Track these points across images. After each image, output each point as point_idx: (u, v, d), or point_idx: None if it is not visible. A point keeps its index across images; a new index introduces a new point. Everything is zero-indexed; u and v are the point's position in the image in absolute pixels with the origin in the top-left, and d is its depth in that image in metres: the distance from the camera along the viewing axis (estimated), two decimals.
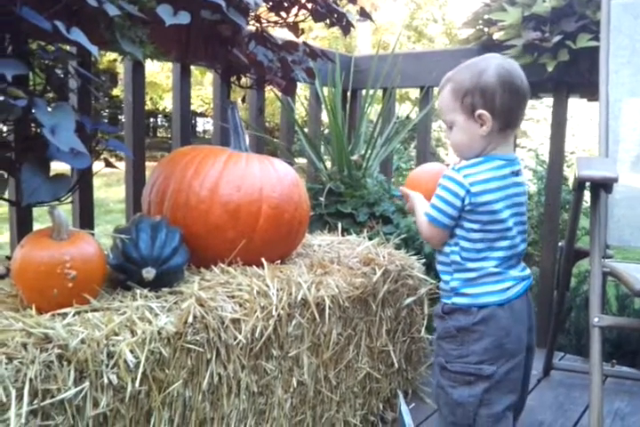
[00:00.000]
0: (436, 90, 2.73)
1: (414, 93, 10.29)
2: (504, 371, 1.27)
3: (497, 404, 1.28)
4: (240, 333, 1.19)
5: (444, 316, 1.31)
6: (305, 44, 1.91)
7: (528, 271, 1.35)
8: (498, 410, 1.28)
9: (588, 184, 1.68)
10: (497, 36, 2.35)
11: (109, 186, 8.37)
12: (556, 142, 2.38)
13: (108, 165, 1.38)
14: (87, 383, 0.94)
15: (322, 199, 2.16)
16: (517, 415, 1.44)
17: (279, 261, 1.51)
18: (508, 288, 1.29)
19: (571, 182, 1.87)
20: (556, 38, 2.11)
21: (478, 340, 1.26)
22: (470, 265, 1.28)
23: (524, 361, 1.32)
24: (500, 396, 1.28)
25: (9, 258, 1.31)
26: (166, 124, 17.65)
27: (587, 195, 1.81)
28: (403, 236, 2.02)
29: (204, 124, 18.28)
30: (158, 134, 17.70)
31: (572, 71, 2.19)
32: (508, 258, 1.29)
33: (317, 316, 1.37)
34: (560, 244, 2.00)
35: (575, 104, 2.56)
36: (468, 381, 1.27)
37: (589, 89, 2.20)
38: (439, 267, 1.34)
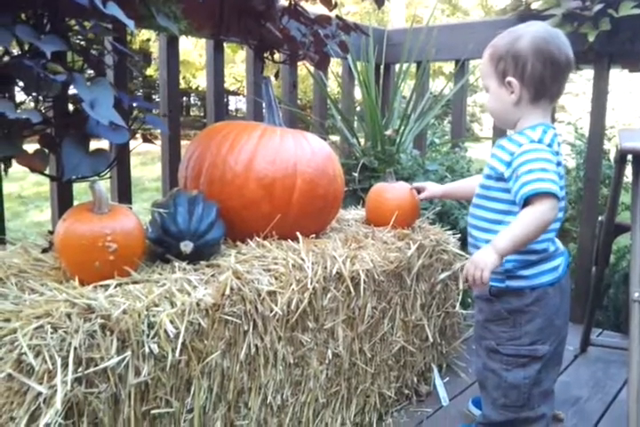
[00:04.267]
0: (471, 63, 2.67)
1: (448, 68, 10.10)
2: (554, 347, 1.28)
3: (546, 380, 1.29)
4: (276, 305, 1.20)
5: (492, 298, 1.29)
6: (338, 17, 1.88)
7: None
8: (547, 386, 1.30)
9: (629, 157, 1.64)
10: (535, 5, 2.29)
11: (145, 164, 8.48)
12: (597, 115, 2.32)
13: (146, 140, 1.39)
14: (129, 352, 0.97)
15: (355, 175, 2.15)
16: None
17: (314, 236, 1.51)
18: (559, 265, 1.28)
19: (611, 157, 1.83)
20: (598, 7, 2.04)
21: (531, 320, 1.26)
22: (536, 246, 1.23)
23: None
24: (548, 372, 1.30)
25: (51, 232, 1.34)
26: (199, 103, 17.71)
27: (628, 169, 1.76)
28: (437, 210, 2.01)
29: (237, 103, 18.29)
30: (191, 113, 17.80)
31: (613, 41, 2.12)
32: (558, 231, 1.27)
33: (352, 289, 1.37)
34: (600, 218, 1.96)
35: (615, 77, 2.48)
36: (522, 363, 1.27)
37: (631, 59, 2.13)
38: None
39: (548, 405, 1.32)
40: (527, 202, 1.15)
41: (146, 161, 8.56)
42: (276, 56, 1.92)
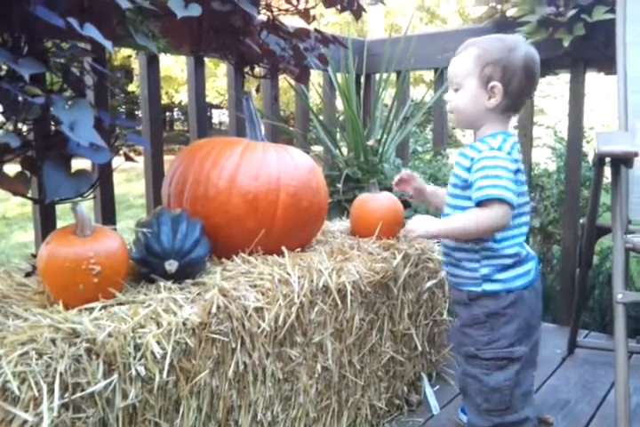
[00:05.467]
0: None
1: (428, 76, 10.17)
2: (529, 348, 1.30)
3: (525, 382, 1.31)
4: (263, 321, 1.20)
5: (470, 303, 1.31)
6: (317, 30, 1.90)
7: None
8: (527, 388, 1.32)
9: (608, 159, 1.66)
10: (510, 12, 2.32)
11: (129, 181, 8.44)
12: (575, 118, 2.35)
13: (128, 159, 1.39)
14: (116, 376, 0.97)
15: (339, 186, 2.16)
16: None
17: (299, 249, 1.52)
18: (531, 269, 1.31)
19: (590, 159, 1.85)
20: (571, 12, 2.07)
21: (508, 322, 1.28)
22: (508, 251, 1.27)
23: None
24: (526, 373, 1.32)
25: (34, 256, 1.34)
26: (182, 118, 17.69)
27: (607, 171, 1.79)
28: None
29: (220, 116, 18.29)
30: (175, 128, 17.77)
31: (588, 45, 2.15)
32: (527, 235, 1.31)
33: (339, 302, 1.38)
34: (581, 221, 1.98)
35: (592, 79, 2.52)
36: (501, 365, 1.29)
37: (607, 63, 2.16)
38: (459, 254, 1.32)
39: (531, 407, 1.34)
40: (480, 206, 1.21)
41: (130, 177, 8.52)
42: (257, 70, 1.93)
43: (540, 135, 3.11)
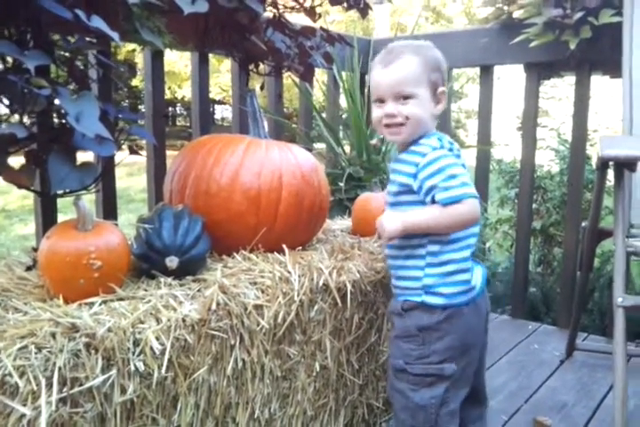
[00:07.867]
0: (455, 71, 2.70)
1: None
2: (462, 367, 1.25)
3: (453, 401, 1.26)
4: (263, 318, 1.20)
5: (403, 314, 1.27)
6: (322, 28, 1.89)
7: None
8: (454, 407, 1.26)
9: (611, 163, 1.66)
10: (517, 14, 2.32)
11: (131, 175, 8.45)
12: (579, 120, 2.35)
13: (133, 152, 1.39)
14: (114, 371, 0.96)
15: (341, 184, 2.16)
16: (483, 402, 1.42)
17: (300, 247, 1.51)
18: (475, 285, 1.26)
19: (594, 162, 1.85)
20: (578, 15, 2.07)
21: (440, 338, 1.23)
22: (449, 256, 1.22)
23: (479, 354, 1.30)
24: (456, 393, 1.26)
25: (35, 249, 1.34)
26: (185, 113, 17.70)
27: (610, 174, 1.79)
28: None
29: (223, 112, 18.30)
30: (177, 123, 17.77)
31: (594, 48, 2.15)
32: (474, 246, 1.26)
33: (339, 301, 1.37)
34: (583, 224, 1.98)
35: (597, 81, 2.52)
36: (429, 382, 1.24)
37: (612, 66, 2.16)
38: (403, 262, 1.27)
39: (454, 425, 1.28)
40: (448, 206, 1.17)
41: (132, 172, 8.52)
42: (261, 68, 1.92)
43: (544, 137, 3.10)
